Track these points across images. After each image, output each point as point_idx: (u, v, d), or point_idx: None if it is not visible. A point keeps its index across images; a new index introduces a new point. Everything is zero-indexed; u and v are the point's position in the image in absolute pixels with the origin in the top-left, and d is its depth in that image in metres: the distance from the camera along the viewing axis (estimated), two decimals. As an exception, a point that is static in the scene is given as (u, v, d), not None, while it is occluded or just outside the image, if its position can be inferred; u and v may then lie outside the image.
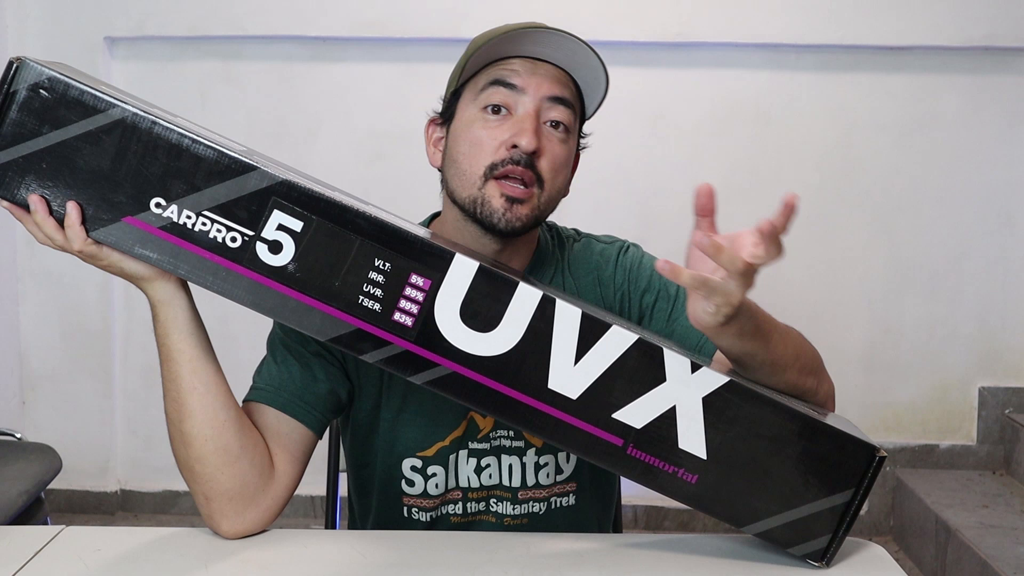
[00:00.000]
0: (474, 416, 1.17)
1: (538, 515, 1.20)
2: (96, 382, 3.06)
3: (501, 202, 1.08)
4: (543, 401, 0.95)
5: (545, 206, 1.11)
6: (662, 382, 0.95)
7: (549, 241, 1.23)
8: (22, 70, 0.90)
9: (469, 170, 1.09)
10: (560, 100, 1.10)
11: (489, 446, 1.18)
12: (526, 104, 1.09)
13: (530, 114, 1.08)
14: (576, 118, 1.14)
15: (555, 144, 1.10)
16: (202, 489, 1.03)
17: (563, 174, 1.12)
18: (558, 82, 1.10)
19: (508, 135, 1.08)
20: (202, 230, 0.92)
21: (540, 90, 1.09)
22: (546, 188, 1.10)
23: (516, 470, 1.19)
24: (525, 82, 1.09)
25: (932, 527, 2.68)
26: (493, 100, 1.09)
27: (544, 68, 1.10)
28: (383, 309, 0.94)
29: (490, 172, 1.08)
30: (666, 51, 2.92)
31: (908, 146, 2.96)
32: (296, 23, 2.89)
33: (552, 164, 1.09)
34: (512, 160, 1.07)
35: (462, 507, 1.19)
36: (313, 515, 3.00)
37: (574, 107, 1.12)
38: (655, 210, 2.98)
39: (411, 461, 1.18)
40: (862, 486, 0.98)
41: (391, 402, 1.17)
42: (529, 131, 1.07)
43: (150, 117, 0.91)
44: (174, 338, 1.00)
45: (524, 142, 1.06)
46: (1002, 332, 3.02)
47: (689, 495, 0.98)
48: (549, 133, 1.10)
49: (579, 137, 1.18)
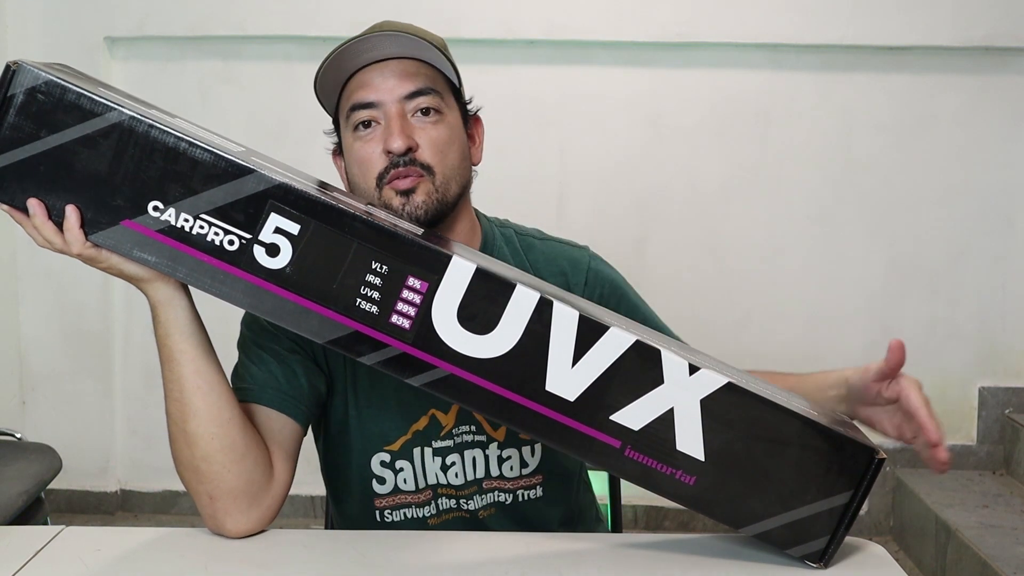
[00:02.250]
0: (436, 413, 1.18)
1: (504, 504, 1.21)
2: (96, 382, 3.06)
3: (399, 200, 1.11)
4: (541, 403, 0.95)
5: (444, 186, 1.13)
6: (660, 384, 0.95)
7: (497, 235, 1.25)
8: (19, 74, 0.90)
9: (365, 186, 1.13)
10: (416, 92, 1.12)
11: (452, 443, 1.19)
12: (387, 110, 1.12)
13: (393, 117, 1.11)
14: (443, 94, 1.15)
15: (429, 130, 1.12)
16: (207, 489, 1.03)
17: (452, 151, 1.14)
18: (407, 76, 1.13)
19: (382, 143, 1.11)
20: (200, 233, 0.93)
21: (393, 93, 1.12)
22: (436, 172, 1.12)
23: (480, 462, 1.20)
24: (378, 93, 1.12)
25: (932, 527, 2.68)
26: (359, 120, 1.13)
27: (390, 68, 1.13)
28: (380, 311, 0.94)
29: (380, 181, 1.11)
30: (666, 51, 2.92)
31: (908, 146, 2.96)
32: (296, 23, 2.89)
33: (434, 148, 1.12)
34: (393, 164, 1.11)
35: (435, 507, 1.20)
36: (313, 515, 3.00)
37: (434, 88, 1.14)
38: (655, 210, 2.98)
39: (380, 456, 1.19)
40: (861, 487, 0.98)
41: (358, 395, 1.19)
42: (395, 134, 1.10)
43: (147, 120, 0.91)
44: (175, 338, 1.00)
45: (395, 145, 1.10)
46: (1002, 332, 3.02)
47: (687, 497, 0.98)
48: (420, 123, 1.12)
49: (463, 104, 1.19)
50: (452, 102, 1.17)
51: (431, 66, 1.15)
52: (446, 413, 1.18)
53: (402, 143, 1.10)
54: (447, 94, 1.16)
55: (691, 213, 2.99)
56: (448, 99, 1.16)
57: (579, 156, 2.92)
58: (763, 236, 3.00)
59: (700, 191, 2.99)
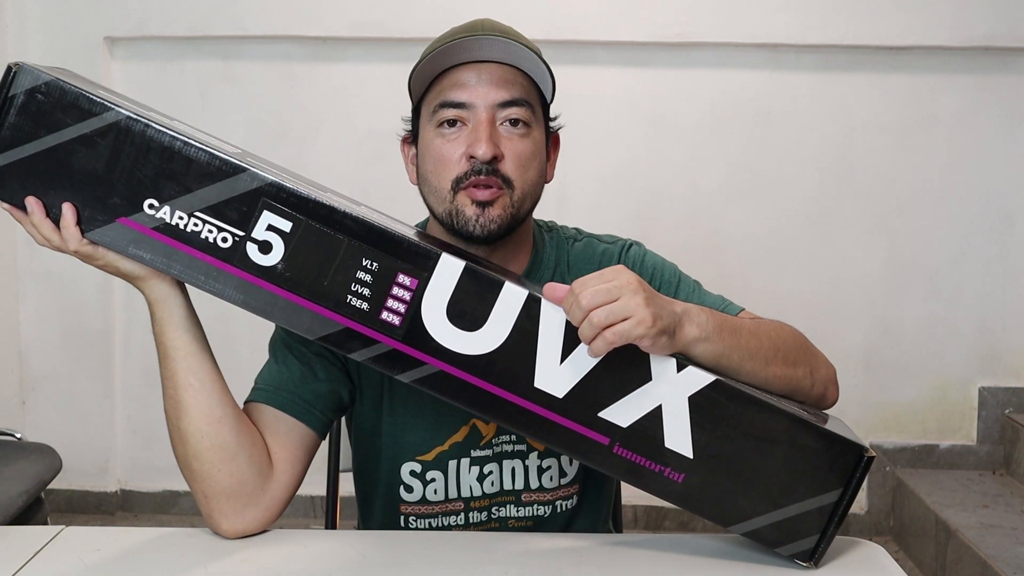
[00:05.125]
0: (477, 423, 1.17)
1: (543, 518, 1.20)
2: (96, 382, 3.06)
3: (473, 209, 1.09)
4: (529, 400, 0.96)
5: (520, 203, 1.11)
6: (648, 381, 0.96)
7: (547, 242, 1.23)
8: (20, 75, 0.91)
9: (439, 186, 1.11)
10: (510, 101, 1.10)
11: (491, 452, 1.18)
12: (478, 114, 1.09)
13: (483, 123, 1.09)
14: (534, 107, 1.13)
15: (516, 142, 1.10)
16: (201, 487, 1.03)
17: (533, 167, 1.12)
18: (504, 83, 1.10)
19: (466, 147, 1.09)
20: (194, 231, 0.94)
21: (487, 98, 1.09)
22: (516, 187, 1.10)
23: (519, 473, 1.19)
24: (471, 95, 1.09)
25: (932, 527, 2.68)
26: (446, 118, 1.10)
27: (488, 72, 1.10)
28: (371, 308, 0.95)
29: (457, 184, 1.09)
30: (666, 51, 2.92)
31: (908, 146, 2.96)
32: (296, 23, 2.89)
33: (517, 162, 1.10)
34: (474, 171, 1.08)
35: (464, 518, 1.19)
36: (313, 515, 3.00)
37: (527, 100, 1.12)
38: (655, 210, 2.98)
39: (410, 465, 1.18)
40: (850, 486, 0.98)
41: (393, 404, 1.17)
42: (483, 140, 1.07)
43: (143, 120, 0.92)
44: (170, 335, 1.01)
45: (480, 152, 1.07)
46: (1002, 332, 3.02)
47: (675, 494, 0.98)
48: (508, 133, 1.10)
49: (548, 120, 1.17)
50: (540, 117, 1.15)
51: (528, 77, 1.13)
52: (487, 423, 1.17)
53: (488, 151, 1.07)
54: (537, 108, 1.14)
55: (691, 213, 2.99)
56: (538, 113, 1.14)
57: (579, 156, 2.93)
58: (763, 236, 3.00)
59: (700, 191, 2.99)
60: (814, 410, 1.07)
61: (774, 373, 1.03)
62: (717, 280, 3.43)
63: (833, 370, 1.13)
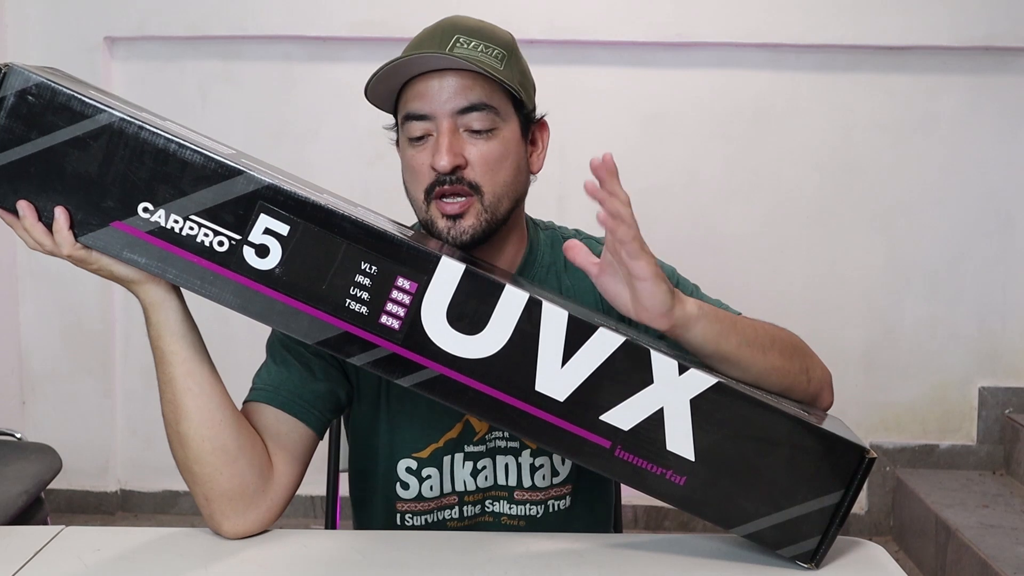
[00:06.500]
0: (471, 419, 1.17)
1: (535, 518, 1.20)
2: (96, 382, 3.06)
3: (444, 223, 1.09)
4: (530, 403, 0.95)
5: (494, 206, 1.10)
6: (649, 384, 0.95)
7: (542, 241, 1.23)
8: (10, 76, 0.90)
9: (415, 195, 1.12)
10: (469, 108, 1.08)
11: (485, 448, 1.19)
12: (440, 124, 1.09)
13: (443, 133, 1.08)
14: (499, 108, 1.10)
15: (481, 146, 1.09)
16: (202, 490, 1.03)
17: (504, 167, 1.11)
18: (463, 89, 1.08)
19: (430, 158, 1.09)
20: (189, 234, 0.92)
21: (446, 107, 1.08)
22: (485, 191, 1.09)
23: (512, 470, 1.19)
24: (431, 106, 1.08)
25: (932, 527, 2.67)
26: (415, 133, 1.10)
27: (447, 80, 1.09)
28: (370, 312, 0.94)
29: (428, 195, 1.09)
30: (666, 51, 2.92)
31: (908, 146, 2.96)
32: (296, 23, 2.89)
33: (484, 167, 1.09)
34: (439, 181, 1.08)
35: (459, 511, 1.19)
36: (313, 515, 3.00)
37: (488, 103, 1.09)
38: (655, 210, 2.97)
39: (406, 462, 1.18)
40: (852, 487, 0.98)
41: (390, 403, 1.18)
42: (442, 151, 1.07)
43: (137, 122, 0.91)
44: (166, 340, 1.00)
45: (441, 164, 1.07)
46: (1002, 332, 3.02)
47: (677, 497, 0.98)
48: (472, 138, 1.09)
49: (523, 116, 1.14)
50: (510, 113, 1.12)
51: (490, 78, 1.10)
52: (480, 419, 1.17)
53: (448, 162, 1.07)
54: (505, 105, 1.11)
55: (690, 213, 2.99)
56: (505, 110, 1.11)
57: (579, 156, 2.92)
58: (763, 236, 3.00)
59: (700, 191, 2.99)
60: (814, 411, 1.07)
61: (772, 363, 1.03)
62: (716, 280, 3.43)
63: (829, 375, 1.13)
